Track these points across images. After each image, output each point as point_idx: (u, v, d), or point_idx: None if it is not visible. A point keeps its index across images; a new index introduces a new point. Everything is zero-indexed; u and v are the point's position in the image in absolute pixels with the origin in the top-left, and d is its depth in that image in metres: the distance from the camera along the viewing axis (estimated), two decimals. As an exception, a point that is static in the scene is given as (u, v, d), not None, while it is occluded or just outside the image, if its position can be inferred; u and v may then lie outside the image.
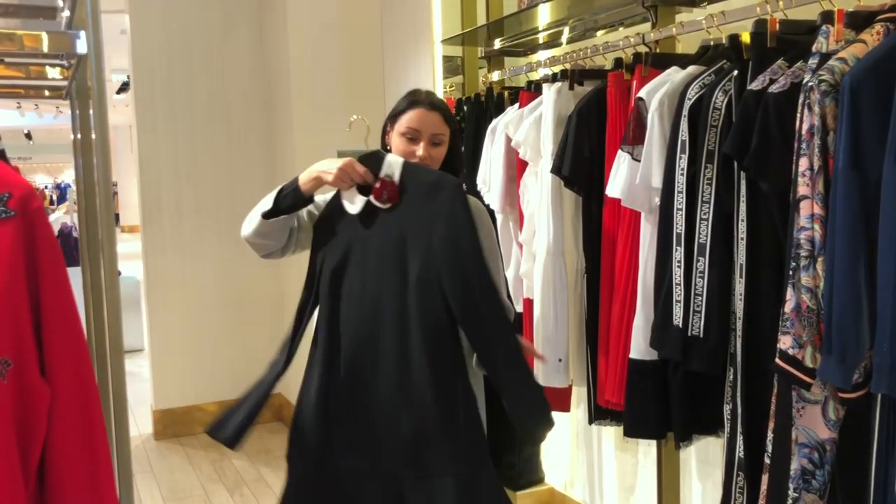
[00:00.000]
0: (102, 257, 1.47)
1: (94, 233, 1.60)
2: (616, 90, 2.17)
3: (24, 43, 1.27)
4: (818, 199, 1.51)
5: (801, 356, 1.54)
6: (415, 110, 1.92)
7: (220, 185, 4.53)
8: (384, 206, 1.82)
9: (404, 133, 1.92)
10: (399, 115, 1.95)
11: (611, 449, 3.00)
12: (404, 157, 1.89)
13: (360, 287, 1.82)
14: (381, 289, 1.80)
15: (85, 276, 1.74)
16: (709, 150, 1.81)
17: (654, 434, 2.09)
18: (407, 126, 1.91)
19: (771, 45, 1.74)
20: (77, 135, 1.88)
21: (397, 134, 1.94)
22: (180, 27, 4.38)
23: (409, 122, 1.92)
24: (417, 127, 1.91)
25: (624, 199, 2.01)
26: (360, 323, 1.82)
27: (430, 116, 1.92)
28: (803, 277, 1.53)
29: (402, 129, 1.92)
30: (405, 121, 1.92)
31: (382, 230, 1.82)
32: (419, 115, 1.92)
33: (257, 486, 3.78)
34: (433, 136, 1.92)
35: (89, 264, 1.64)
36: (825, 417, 1.59)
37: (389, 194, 1.81)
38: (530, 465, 1.96)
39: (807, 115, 1.52)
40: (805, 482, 1.59)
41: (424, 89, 2.01)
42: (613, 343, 2.15)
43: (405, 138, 1.92)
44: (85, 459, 1.08)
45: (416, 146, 1.91)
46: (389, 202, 1.81)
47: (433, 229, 1.77)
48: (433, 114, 1.92)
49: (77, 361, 1.08)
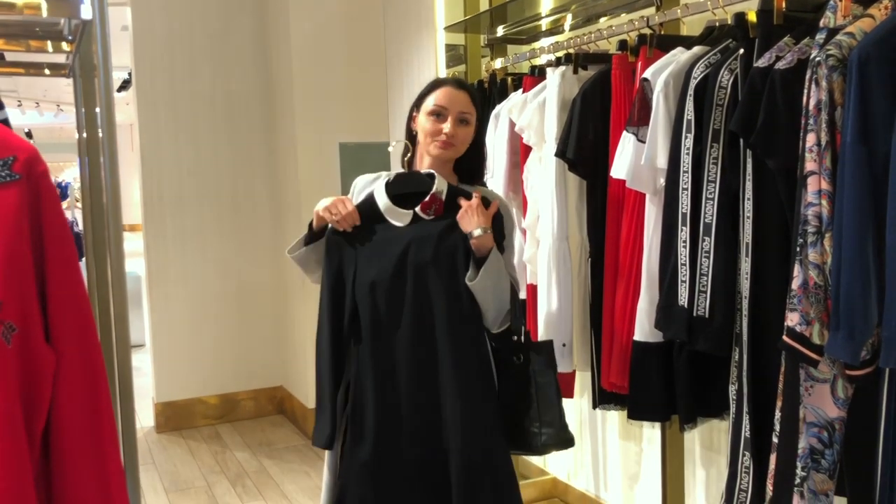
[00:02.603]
0: (110, 254, 1.46)
1: (101, 230, 1.58)
2: (620, 72, 2.16)
3: (23, 11, 1.25)
4: (826, 174, 1.50)
5: (808, 333, 1.53)
6: (442, 88, 1.95)
7: (222, 179, 4.52)
8: (427, 218, 1.91)
9: (431, 111, 1.93)
10: (425, 95, 1.97)
11: (615, 437, 2.99)
12: (431, 135, 1.92)
13: (409, 288, 1.87)
14: (429, 290, 1.87)
15: (90, 274, 1.72)
16: (714, 129, 1.80)
17: (659, 416, 2.08)
18: (435, 104, 1.93)
19: (777, 23, 1.73)
20: (83, 133, 1.85)
21: (424, 114, 1.95)
22: (182, 20, 4.37)
23: (436, 99, 1.94)
24: (445, 104, 1.92)
25: (629, 181, 2.00)
26: (409, 324, 1.87)
27: (458, 94, 1.94)
28: (811, 253, 1.52)
29: (428, 108, 1.94)
30: (432, 99, 1.94)
31: (423, 236, 1.89)
32: (447, 93, 1.94)
33: (259, 477, 3.78)
34: (460, 113, 1.93)
35: (95, 262, 1.61)
36: (834, 396, 1.58)
37: (437, 208, 1.90)
38: (550, 423, 1.96)
39: (814, 90, 1.51)
40: (814, 461, 1.58)
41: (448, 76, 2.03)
42: (618, 326, 2.14)
43: (432, 116, 1.93)
44: (90, 426, 1.07)
45: (442, 123, 1.92)
46: (434, 214, 1.91)
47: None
48: (461, 92, 1.94)
49: (82, 328, 1.06)
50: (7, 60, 2.18)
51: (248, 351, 4.64)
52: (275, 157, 4.56)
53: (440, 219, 1.90)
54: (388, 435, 1.86)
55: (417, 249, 1.88)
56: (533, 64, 2.67)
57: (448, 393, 1.85)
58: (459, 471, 1.83)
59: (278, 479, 3.73)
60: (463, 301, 1.86)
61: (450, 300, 1.86)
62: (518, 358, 1.97)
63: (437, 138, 1.91)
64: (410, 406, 1.86)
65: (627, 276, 2.11)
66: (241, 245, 4.58)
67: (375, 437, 1.86)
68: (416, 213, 1.90)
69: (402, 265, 1.87)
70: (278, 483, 3.69)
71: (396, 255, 1.88)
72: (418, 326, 1.86)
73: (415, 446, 1.87)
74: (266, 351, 4.65)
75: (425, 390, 1.86)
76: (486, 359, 1.93)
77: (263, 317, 4.63)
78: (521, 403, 1.94)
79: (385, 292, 1.87)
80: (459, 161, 2.00)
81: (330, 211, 1.90)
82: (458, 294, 1.86)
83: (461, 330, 1.87)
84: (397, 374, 1.87)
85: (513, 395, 1.96)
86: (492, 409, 1.90)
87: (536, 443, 1.95)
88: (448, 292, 1.86)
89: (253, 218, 4.58)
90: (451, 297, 1.86)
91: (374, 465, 1.86)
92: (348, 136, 4.15)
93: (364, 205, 1.93)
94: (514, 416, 1.95)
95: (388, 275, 1.87)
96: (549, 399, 1.97)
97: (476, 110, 1.97)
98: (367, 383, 1.87)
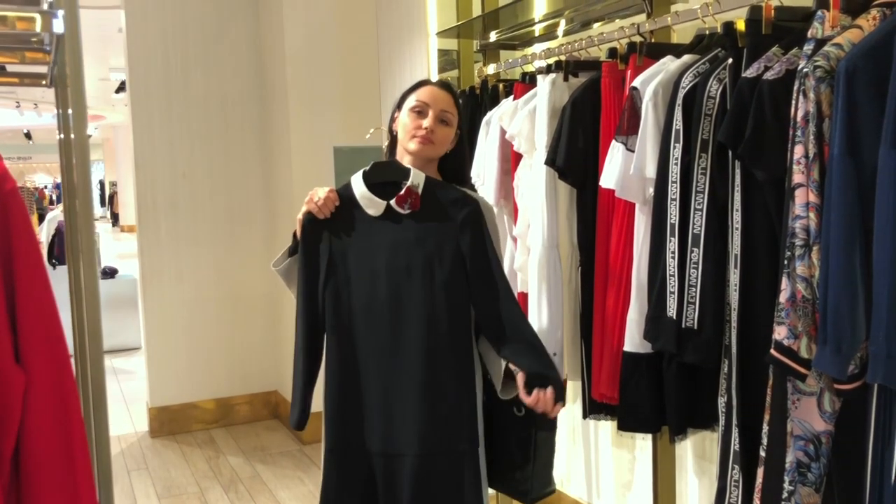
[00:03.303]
0: (81, 252, 1.44)
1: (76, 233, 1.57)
2: (610, 80, 2.15)
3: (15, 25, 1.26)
4: (813, 186, 1.49)
5: (796, 347, 1.51)
6: (425, 87, 1.96)
7: (216, 183, 4.51)
8: (404, 212, 1.87)
9: (413, 107, 1.93)
10: (407, 95, 1.97)
11: (607, 445, 2.98)
12: (411, 130, 1.91)
13: (382, 283, 1.86)
14: (404, 286, 1.85)
15: (71, 275, 1.71)
16: (703, 139, 1.78)
17: (649, 428, 2.06)
18: (416, 100, 1.93)
19: (766, 33, 1.71)
20: (61, 134, 1.86)
21: (406, 111, 1.94)
22: (176, 23, 4.36)
23: (418, 96, 1.94)
24: (426, 100, 1.92)
25: (618, 190, 1.98)
26: (382, 317, 1.86)
27: (441, 93, 1.94)
28: (798, 267, 1.50)
29: (410, 105, 1.94)
30: (414, 96, 1.94)
31: (401, 233, 1.87)
32: (429, 91, 1.94)
33: (252, 483, 3.76)
34: (441, 112, 1.92)
35: (73, 263, 1.60)
36: (820, 409, 1.56)
37: (413, 202, 1.87)
38: (541, 478, 1.97)
39: (802, 101, 1.50)
40: (800, 475, 1.57)
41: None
42: (608, 336, 2.12)
43: (413, 112, 1.92)
44: (61, 447, 1.05)
45: (423, 119, 1.91)
46: (411, 209, 1.87)
47: (460, 239, 1.87)
48: (443, 92, 1.95)
49: (53, 347, 1.05)
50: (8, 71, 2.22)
51: (243, 355, 4.63)
52: (269, 160, 4.55)
53: (416, 215, 1.86)
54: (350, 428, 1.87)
55: (393, 255, 1.85)
56: (525, 70, 2.65)
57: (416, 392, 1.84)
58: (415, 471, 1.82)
59: (272, 485, 3.72)
60: (438, 312, 1.84)
61: (428, 311, 1.84)
62: (519, 410, 1.94)
63: (416, 133, 1.90)
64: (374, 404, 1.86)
65: (617, 285, 2.09)
66: (235, 249, 4.57)
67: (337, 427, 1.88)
68: (392, 205, 1.86)
69: (377, 271, 1.85)
70: (272, 489, 3.68)
71: (372, 258, 1.86)
72: (393, 338, 1.85)
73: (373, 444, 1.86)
74: (261, 355, 4.64)
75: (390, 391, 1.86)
76: (467, 354, 1.89)
77: (258, 321, 4.62)
78: (517, 457, 1.94)
79: (358, 296, 1.86)
80: (444, 161, 1.99)
81: (312, 200, 1.88)
82: (433, 303, 1.84)
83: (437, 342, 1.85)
84: (363, 370, 1.87)
85: (511, 447, 1.96)
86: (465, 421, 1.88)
87: (524, 492, 1.97)
88: (426, 301, 1.84)
89: (247, 222, 4.57)
90: (428, 307, 1.84)
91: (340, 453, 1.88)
92: (342, 140, 4.13)
93: (341, 191, 1.92)
94: (506, 464, 1.95)
95: (362, 278, 1.86)
96: (546, 459, 1.99)
97: (458, 113, 1.97)
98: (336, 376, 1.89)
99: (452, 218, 1.88)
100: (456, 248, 1.86)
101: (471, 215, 1.87)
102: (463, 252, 1.87)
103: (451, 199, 1.89)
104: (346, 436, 1.88)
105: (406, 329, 1.84)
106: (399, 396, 1.85)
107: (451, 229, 1.87)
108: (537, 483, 1.97)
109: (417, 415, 1.83)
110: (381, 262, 1.86)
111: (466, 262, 1.86)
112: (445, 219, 1.88)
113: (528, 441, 1.94)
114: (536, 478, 1.96)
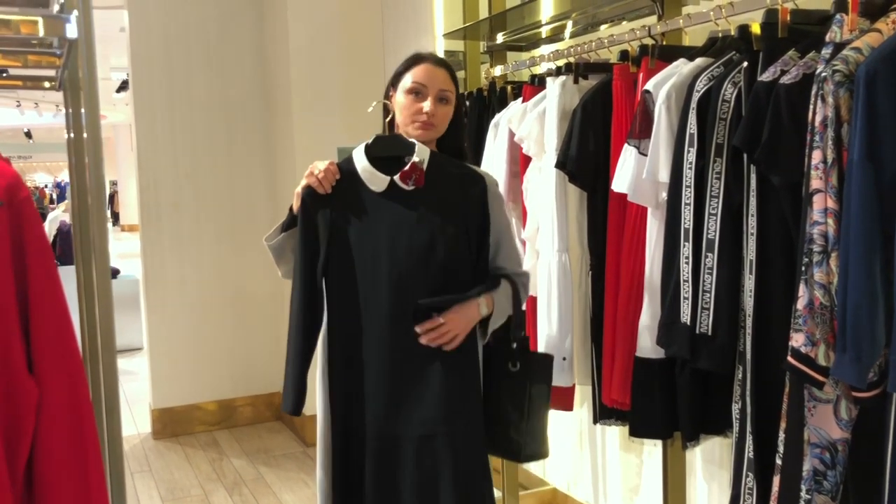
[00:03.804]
0: (94, 255, 1.43)
1: (87, 231, 1.56)
2: (622, 83, 2.13)
3: (19, 29, 1.24)
4: (832, 192, 1.47)
5: (813, 354, 1.50)
6: (421, 65, 1.89)
7: (219, 183, 4.49)
8: (407, 188, 1.82)
9: (410, 89, 1.87)
10: (403, 72, 1.91)
11: (615, 448, 2.96)
12: (411, 114, 1.87)
13: (384, 262, 1.82)
14: (407, 265, 1.81)
15: (79, 275, 1.70)
16: (717, 143, 1.77)
17: (661, 434, 2.05)
18: (413, 81, 1.87)
19: (782, 36, 1.69)
20: (70, 133, 1.85)
21: (402, 91, 1.89)
22: (179, 22, 4.34)
23: (415, 76, 1.87)
24: (424, 81, 1.87)
25: (630, 194, 1.97)
26: (383, 297, 1.82)
27: (437, 71, 1.88)
28: (816, 273, 1.49)
29: (407, 86, 1.88)
30: (411, 76, 1.88)
31: (404, 210, 1.82)
32: (426, 70, 1.88)
33: (256, 485, 3.75)
34: (440, 91, 1.88)
35: (82, 263, 1.59)
36: (837, 417, 1.55)
37: (417, 178, 1.82)
38: (533, 437, 1.96)
39: (820, 106, 1.48)
40: (817, 483, 1.55)
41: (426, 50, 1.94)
42: (619, 341, 2.10)
43: (411, 95, 1.87)
44: (74, 460, 1.03)
45: (422, 102, 1.86)
46: (415, 185, 1.82)
47: (467, 217, 1.85)
48: (439, 69, 1.89)
49: (66, 358, 1.03)
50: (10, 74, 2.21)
51: (246, 356, 4.61)
52: (273, 160, 4.53)
53: (420, 192, 1.82)
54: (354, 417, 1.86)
55: (396, 232, 1.81)
56: (533, 72, 2.64)
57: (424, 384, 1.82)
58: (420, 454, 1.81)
59: (276, 488, 3.70)
60: (440, 293, 1.81)
61: (430, 291, 1.81)
62: (514, 365, 1.94)
63: (417, 118, 1.86)
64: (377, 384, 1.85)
65: (629, 290, 2.07)
66: (238, 249, 4.54)
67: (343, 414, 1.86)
68: (395, 181, 1.82)
69: (379, 249, 1.81)
70: (276, 492, 3.66)
71: (374, 236, 1.82)
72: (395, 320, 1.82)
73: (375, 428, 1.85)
74: (264, 356, 4.62)
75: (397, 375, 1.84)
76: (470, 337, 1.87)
77: (261, 322, 4.60)
78: (512, 414, 1.92)
79: (361, 275, 1.82)
80: (442, 140, 1.95)
81: (312, 173, 1.84)
82: (435, 283, 1.81)
83: None
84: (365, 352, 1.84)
85: (506, 402, 1.94)
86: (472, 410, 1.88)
87: (517, 451, 1.95)
88: (427, 284, 1.81)
89: (251, 222, 4.54)
90: (430, 287, 1.81)
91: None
92: (346, 141, 4.11)
93: (342, 164, 1.87)
94: (501, 423, 1.93)
95: (363, 256, 1.82)
96: (540, 414, 1.97)
97: (456, 88, 1.92)
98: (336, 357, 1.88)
99: (458, 195, 1.85)
100: (461, 226, 1.83)
101: (478, 194, 1.86)
102: (469, 230, 1.84)
103: (457, 175, 1.86)
104: (349, 416, 1.86)
105: (408, 310, 1.80)
106: (401, 378, 1.82)
107: (456, 207, 1.84)
108: (530, 440, 1.94)
109: (420, 396, 1.81)
110: (383, 240, 1.81)
111: (475, 239, 1.85)
112: (451, 196, 1.85)
113: (522, 394, 1.93)
114: (530, 434, 1.94)
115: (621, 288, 2.10)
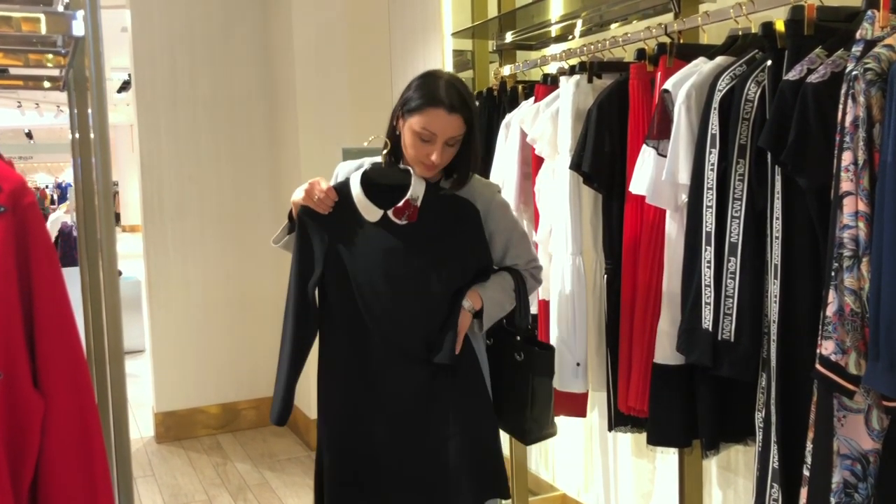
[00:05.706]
0: (101, 258, 1.39)
1: (93, 233, 1.52)
2: (639, 82, 2.08)
3: (20, 26, 1.19)
4: (863, 195, 1.42)
5: (844, 362, 1.45)
6: (434, 111, 1.78)
7: (223, 184, 4.44)
8: (400, 223, 1.85)
9: (419, 133, 1.80)
10: (415, 109, 1.80)
11: (627, 454, 2.91)
12: (416, 158, 1.84)
13: (377, 292, 1.86)
14: (399, 296, 1.86)
15: (83, 277, 1.66)
16: (740, 144, 1.72)
17: (680, 442, 1.99)
18: (423, 127, 1.79)
19: (808, 33, 1.64)
20: (76, 133, 1.80)
21: (410, 129, 1.82)
22: (182, 22, 4.29)
23: (426, 123, 1.78)
24: (435, 131, 1.79)
25: (649, 196, 1.92)
26: (377, 328, 1.87)
27: (450, 120, 1.78)
28: (846, 279, 1.44)
29: (416, 128, 1.79)
30: (421, 121, 1.78)
31: (396, 242, 1.85)
32: (438, 119, 1.77)
33: (261, 490, 3.70)
34: (450, 139, 1.81)
35: (87, 265, 1.55)
36: (868, 427, 1.50)
37: (410, 215, 1.84)
38: (539, 425, 2.05)
39: (850, 105, 1.43)
40: (847, 496, 1.50)
41: (444, 79, 1.84)
42: (636, 347, 2.05)
43: (419, 138, 1.80)
44: (81, 476, 0.99)
45: (430, 148, 1.81)
46: (407, 221, 1.85)
47: (465, 251, 1.89)
48: (454, 117, 1.78)
49: (73, 370, 0.98)
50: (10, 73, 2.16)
51: (250, 359, 4.56)
52: (277, 161, 4.48)
53: (413, 226, 1.84)
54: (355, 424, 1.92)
55: (388, 263, 1.84)
56: (543, 71, 2.58)
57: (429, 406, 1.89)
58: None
59: (280, 493, 3.65)
60: (434, 325, 1.86)
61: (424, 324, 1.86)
62: (519, 355, 1.99)
63: (423, 161, 1.83)
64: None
65: (646, 294, 2.02)
66: (242, 252, 4.50)
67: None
68: (388, 215, 1.84)
69: (372, 279, 1.85)
70: (281, 497, 3.61)
71: (367, 264, 1.85)
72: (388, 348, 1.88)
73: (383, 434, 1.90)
74: (267, 359, 4.54)
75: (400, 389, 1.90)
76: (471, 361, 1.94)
77: (265, 324, 4.54)
78: (517, 402, 2.00)
79: (354, 302, 1.87)
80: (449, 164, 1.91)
81: (310, 196, 1.86)
82: (429, 315, 1.86)
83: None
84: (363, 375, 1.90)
85: (510, 391, 2.01)
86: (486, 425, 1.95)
87: (522, 436, 2.05)
88: (418, 316, 1.86)
89: (255, 224, 4.49)
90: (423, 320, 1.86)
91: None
92: (352, 142, 4.06)
93: (340, 186, 1.89)
94: (507, 411, 2.02)
95: (357, 284, 1.86)
96: (544, 401, 2.02)
97: (469, 123, 1.83)
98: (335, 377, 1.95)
99: (452, 230, 1.87)
100: (454, 262, 1.87)
101: (471, 228, 1.88)
102: (464, 266, 1.88)
103: (450, 209, 1.87)
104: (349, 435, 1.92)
105: (398, 339, 1.87)
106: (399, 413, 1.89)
107: (448, 242, 1.86)
108: (536, 426, 2.02)
109: (419, 428, 1.89)
110: (376, 270, 1.85)
111: (470, 269, 1.89)
112: (444, 231, 1.86)
113: (525, 385, 1.99)
114: (536, 420, 2.01)
115: (638, 292, 2.05)
